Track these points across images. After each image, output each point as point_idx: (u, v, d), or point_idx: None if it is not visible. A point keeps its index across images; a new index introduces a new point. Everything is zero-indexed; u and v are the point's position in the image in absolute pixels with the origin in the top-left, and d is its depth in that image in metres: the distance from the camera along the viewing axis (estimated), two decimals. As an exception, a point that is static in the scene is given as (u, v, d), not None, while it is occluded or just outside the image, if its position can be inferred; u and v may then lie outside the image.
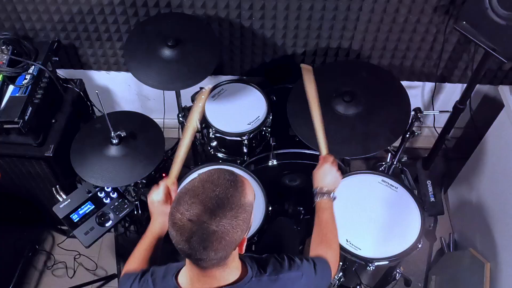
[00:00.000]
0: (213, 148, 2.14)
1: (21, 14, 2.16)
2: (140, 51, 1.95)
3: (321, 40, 2.22)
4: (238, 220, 0.99)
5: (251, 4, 2.07)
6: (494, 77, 2.33)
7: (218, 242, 0.98)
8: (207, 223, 0.97)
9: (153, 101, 2.65)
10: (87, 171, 1.85)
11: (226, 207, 0.99)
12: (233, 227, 0.99)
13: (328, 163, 1.53)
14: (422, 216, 1.82)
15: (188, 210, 0.98)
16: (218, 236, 0.98)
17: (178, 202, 1.01)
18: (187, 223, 0.97)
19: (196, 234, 0.97)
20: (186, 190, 1.02)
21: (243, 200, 1.02)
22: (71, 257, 2.44)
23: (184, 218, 0.97)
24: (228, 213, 0.98)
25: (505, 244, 1.99)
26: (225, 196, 0.99)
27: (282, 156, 2.07)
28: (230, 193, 1.00)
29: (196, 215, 0.97)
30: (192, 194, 1.00)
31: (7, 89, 1.95)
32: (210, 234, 0.97)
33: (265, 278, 1.14)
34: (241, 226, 1.01)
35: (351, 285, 2.06)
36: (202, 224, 0.97)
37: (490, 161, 2.18)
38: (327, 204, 1.48)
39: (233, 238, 1.00)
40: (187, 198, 0.99)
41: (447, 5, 2.04)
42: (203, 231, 0.97)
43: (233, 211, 0.99)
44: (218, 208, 0.98)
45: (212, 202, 0.98)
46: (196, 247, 0.98)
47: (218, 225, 0.97)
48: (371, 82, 2.00)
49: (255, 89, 2.17)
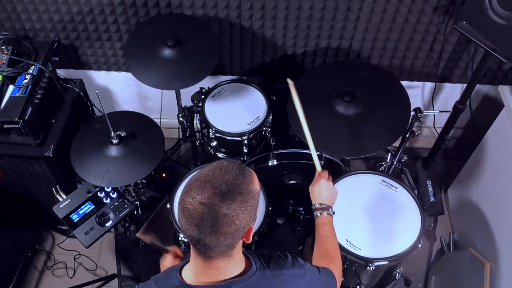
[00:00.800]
0: (213, 148, 2.14)
1: (21, 14, 2.16)
2: (140, 51, 1.95)
3: (321, 40, 2.22)
4: (247, 205, 1.02)
5: (251, 4, 2.07)
6: (494, 77, 2.33)
7: (228, 225, 1.00)
8: (218, 205, 0.99)
9: (153, 101, 2.65)
10: (87, 171, 1.85)
11: (236, 192, 1.01)
12: (242, 212, 1.01)
13: (324, 178, 1.55)
14: (422, 216, 1.82)
15: (200, 193, 1.00)
16: (228, 220, 1.00)
17: (188, 188, 1.03)
18: (198, 206, 0.99)
19: (207, 217, 0.99)
20: (196, 177, 1.04)
21: (251, 187, 1.05)
22: (71, 257, 2.44)
23: (196, 202, 1.00)
24: (238, 197, 1.01)
25: (505, 244, 1.99)
26: (234, 182, 1.02)
27: (282, 156, 2.07)
28: (240, 179, 1.03)
29: (208, 197, 0.99)
30: (203, 180, 1.02)
31: (7, 89, 1.95)
32: (221, 217, 0.99)
33: (269, 272, 1.14)
34: (250, 212, 1.04)
35: (351, 285, 2.06)
36: (213, 206, 0.99)
37: (490, 161, 2.18)
38: (326, 220, 1.49)
39: (242, 223, 1.02)
40: (198, 183, 1.02)
41: (447, 5, 2.04)
42: (214, 214, 0.99)
43: (243, 196, 1.02)
44: (228, 192, 1.00)
45: (222, 186, 1.01)
46: (206, 231, 1.00)
47: (229, 208, 1.00)
48: (371, 82, 2.00)
49: (255, 89, 2.17)
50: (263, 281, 1.13)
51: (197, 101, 2.14)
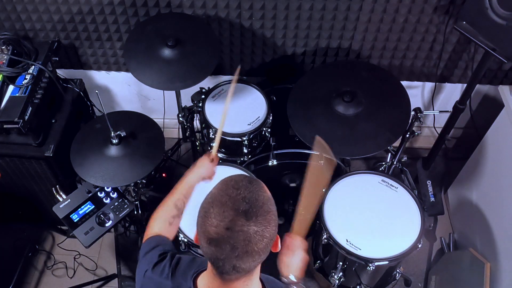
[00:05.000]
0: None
1: (21, 14, 2.16)
2: (140, 51, 1.95)
3: (321, 40, 2.22)
4: (271, 214, 0.99)
5: (251, 4, 2.07)
6: (494, 77, 2.33)
7: (260, 242, 0.95)
8: (246, 225, 0.94)
9: (153, 101, 2.65)
10: (87, 171, 1.85)
11: (257, 205, 0.97)
12: (269, 223, 0.97)
13: (300, 249, 1.41)
14: (422, 216, 1.82)
15: (223, 220, 0.94)
16: (259, 236, 0.95)
17: (206, 217, 0.96)
18: (225, 233, 0.93)
19: (238, 241, 0.93)
20: (209, 203, 0.98)
21: (266, 194, 1.01)
22: (71, 257, 2.44)
23: (221, 229, 0.93)
24: (260, 209, 0.97)
25: (505, 244, 1.99)
26: (251, 195, 0.97)
27: (282, 156, 2.07)
28: (253, 191, 0.98)
29: (232, 221, 0.93)
30: (218, 204, 0.96)
31: (7, 89, 1.95)
32: (252, 236, 0.94)
33: None
34: (274, 220, 1.00)
35: (351, 285, 2.06)
36: (242, 227, 0.93)
37: (490, 161, 2.18)
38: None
39: (271, 234, 0.98)
40: (216, 210, 0.95)
41: (447, 5, 2.04)
42: (245, 235, 0.94)
43: (264, 207, 0.98)
44: (250, 208, 0.95)
45: (242, 204, 0.95)
46: (240, 255, 0.94)
47: (256, 223, 0.95)
48: (371, 82, 2.00)
49: (255, 89, 2.17)
50: None
51: (197, 101, 2.14)
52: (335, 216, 1.84)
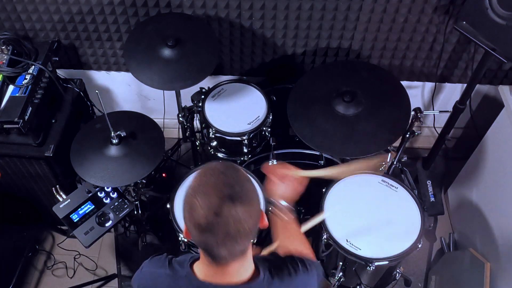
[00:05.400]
0: (213, 148, 2.14)
1: (21, 14, 2.16)
2: (140, 51, 1.95)
3: (321, 40, 2.22)
4: (252, 192, 1.01)
5: (251, 4, 2.07)
6: (494, 77, 2.33)
7: (249, 218, 0.98)
8: (234, 207, 0.96)
9: (153, 101, 2.65)
10: (87, 171, 1.85)
11: (238, 186, 0.99)
12: (253, 200, 1.00)
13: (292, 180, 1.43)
14: (422, 216, 1.82)
15: (210, 208, 0.96)
16: (247, 214, 0.98)
17: (192, 209, 0.98)
18: (215, 219, 0.95)
19: (229, 224, 0.96)
20: (192, 196, 0.99)
21: (243, 174, 1.03)
22: (71, 257, 2.44)
23: (210, 216, 0.95)
24: (242, 189, 0.99)
25: (505, 244, 1.99)
26: (231, 179, 1.00)
27: (282, 156, 2.07)
28: (231, 174, 1.01)
29: (220, 207, 0.95)
30: (202, 195, 0.98)
31: (7, 89, 1.95)
32: (241, 216, 0.96)
33: (277, 282, 1.12)
34: (256, 197, 1.02)
35: (351, 285, 2.06)
36: (230, 211, 0.95)
37: (490, 161, 2.18)
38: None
39: (257, 210, 1.01)
40: (201, 200, 0.97)
41: (447, 5, 2.04)
42: (235, 218, 0.96)
43: (245, 186, 1.01)
44: (233, 191, 0.98)
45: (225, 189, 0.97)
46: (233, 237, 0.97)
47: (242, 204, 0.97)
48: (371, 82, 2.00)
49: (255, 89, 2.17)
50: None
51: (197, 101, 2.14)
52: (335, 216, 1.84)
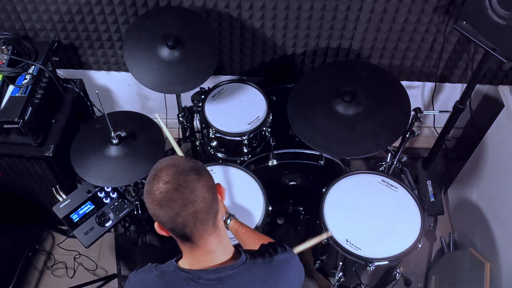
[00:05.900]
0: (213, 148, 2.14)
1: (21, 14, 2.16)
2: (140, 52, 1.93)
3: (321, 40, 2.22)
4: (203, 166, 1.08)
5: (251, 4, 2.07)
6: (494, 77, 2.33)
7: (207, 189, 1.04)
8: (188, 176, 1.02)
9: (153, 101, 2.65)
10: (87, 171, 1.85)
11: (190, 161, 1.07)
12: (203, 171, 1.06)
13: None
14: (422, 216, 1.82)
15: (166, 182, 1.01)
16: (204, 182, 1.04)
17: (149, 188, 1.04)
18: (170, 189, 1.01)
19: (186, 192, 1.01)
20: (149, 179, 1.06)
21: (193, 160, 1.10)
22: (71, 257, 2.44)
23: (166, 186, 1.01)
24: (195, 164, 1.07)
25: (505, 244, 1.99)
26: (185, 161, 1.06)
27: (282, 156, 2.07)
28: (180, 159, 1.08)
29: (175, 179, 1.02)
30: (156, 173, 1.04)
31: (7, 89, 1.95)
32: (194, 183, 1.02)
33: (259, 260, 1.14)
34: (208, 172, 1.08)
35: (351, 285, 2.06)
36: (186, 177, 1.02)
37: (490, 161, 2.18)
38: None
39: (211, 179, 1.07)
40: (156, 177, 1.03)
41: (447, 5, 2.04)
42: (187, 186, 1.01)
43: (197, 162, 1.08)
44: (185, 166, 1.04)
45: (180, 166, 1.04)
46: (192, 203, 1.01)
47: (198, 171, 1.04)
48: (371, 82, 2.00)
49: (255, 89, 2.17)
50: (254, 269, 1.12)
51: (197, 101, 2.14)
52: (335, 216, 1.84)
